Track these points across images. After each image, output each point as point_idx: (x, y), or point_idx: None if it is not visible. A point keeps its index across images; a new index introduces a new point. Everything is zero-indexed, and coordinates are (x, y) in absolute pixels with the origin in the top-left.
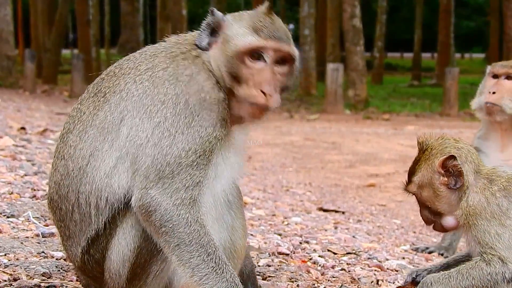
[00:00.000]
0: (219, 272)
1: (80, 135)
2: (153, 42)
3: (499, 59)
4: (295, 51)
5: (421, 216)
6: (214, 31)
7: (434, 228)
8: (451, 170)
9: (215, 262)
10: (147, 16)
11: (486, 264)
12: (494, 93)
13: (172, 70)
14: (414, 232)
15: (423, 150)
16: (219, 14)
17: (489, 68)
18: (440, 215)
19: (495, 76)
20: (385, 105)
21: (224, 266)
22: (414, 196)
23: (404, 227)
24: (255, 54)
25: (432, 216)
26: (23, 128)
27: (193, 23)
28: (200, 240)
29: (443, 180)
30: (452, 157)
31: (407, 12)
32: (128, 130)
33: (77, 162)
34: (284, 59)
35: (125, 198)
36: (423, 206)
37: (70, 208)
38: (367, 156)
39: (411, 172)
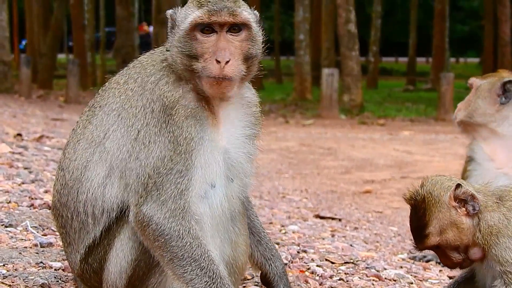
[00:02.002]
0: (213, 287)
1: (74, 147)
2: None
3: (494, 64)
4: (246, 16)
5: (446, 264)
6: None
7: (463, 267)
8: (464, 198)
9: (209, 276)
10: (142, 21)
11: (506, 286)
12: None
13: (141, 80)
14: (411, 240)
15: (421, 200)
16: (170, 11)
17: None
18: (467, 250)
19: None
20: (380, 110)
21: (219, 280)
22: (433, 250)
23: (401, 235)
24: (206, 28)
25: (460, 255)
26: (19, 135)
27: None
28: (192, 253)
29: (461, 212)
30: (459, 186)
31: (402, 16)
32: (112, 145)
33: (73, 173)
34: (237, 27)
35: (119, 208)
36: (451, 249)
37: (70, 216)
38: (362, 162)
39: (421, 228)
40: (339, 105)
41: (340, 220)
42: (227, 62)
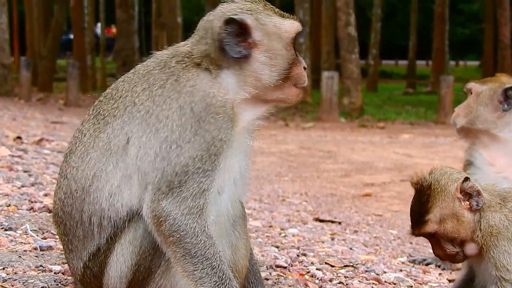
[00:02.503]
0: (221, 287)
1: (82, 156)
2: (148, 49)
3: (494, 67)
4: None
5: (438, 254)
6: (242, 34)
7: (455, 261)
8: (469, 192)
9: (218, 276)
10: (142, 24)
11: None
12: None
13: (171, 85)
14: (411, 243)
15: (427, 186)
16: (239, 16)
17: None
18: (463, 244)
19: None
20: (380, 113)
21: (228, 281)
22: (428, 237)
23: (400, 238)
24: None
25: (455, 247)
26: (19, 138)
27: (188, 31)
28: (205, 252)
29: (465, 205)
30: (467, 179)
31: (402, 19)
32: (137, 150)
33: (80, 183)
34: None
35: (127, 215)
36: (446, 240)
37: (74, 224)
38: (362, 165)
39: (422, 214)
40: (339, 108)
41: (339, 223)
42: None
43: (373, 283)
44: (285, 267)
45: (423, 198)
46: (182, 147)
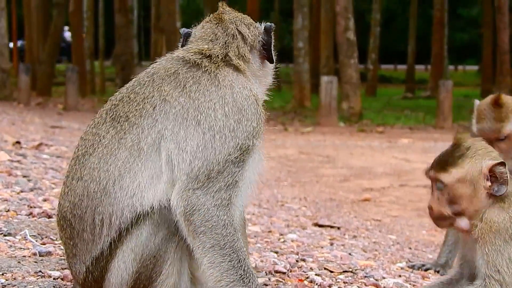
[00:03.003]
0: (246, 281)
1: (104, 158)
2: (147, 54)
3: (493, 72)
4: None
5: (432, 206)
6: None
7: (440, 223)
8: (497, 176)
9: (243, 270)
10: (141, 28)
11: None
12: None
13: (207, 81)
14: (410, 248)
15: (465, 147)
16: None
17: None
18: (459, 215)
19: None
20: (379, 118)
21: (251, 276)
22: (437, 186)
23: (399, 243)
24: None
25: (450, 212)
26: (18, 142)
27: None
28: (233, 244)
29: (486, 185)
30: (503, 164)
31: (401, 24)
32: (173, 145)
33: (102, 184)
34: None
35: (136, 217)
36: (449, 200)
37: (83, 228)
38: (361, 170)
39: (449, 163)
40: (338, 113)
41: (339, 228)
42: None
43: None
44: (284, 273)
45: (457, 152)
46: (226, 136)
